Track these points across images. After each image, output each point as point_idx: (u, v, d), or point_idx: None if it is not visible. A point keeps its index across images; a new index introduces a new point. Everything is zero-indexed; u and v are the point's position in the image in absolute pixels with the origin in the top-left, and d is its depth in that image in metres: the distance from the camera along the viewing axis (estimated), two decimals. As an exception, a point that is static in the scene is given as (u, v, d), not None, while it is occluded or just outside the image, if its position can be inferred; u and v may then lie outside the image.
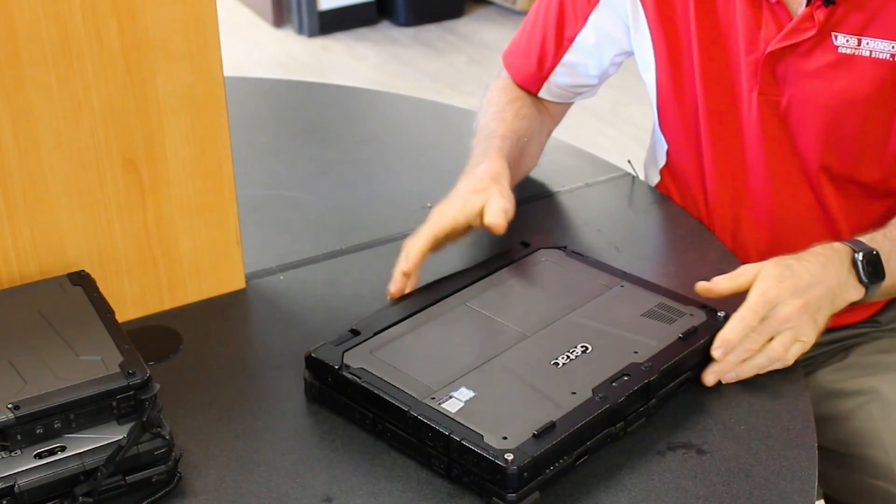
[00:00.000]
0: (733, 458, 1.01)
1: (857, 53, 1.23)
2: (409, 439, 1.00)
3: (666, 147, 1.45)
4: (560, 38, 1.44)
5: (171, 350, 1.19)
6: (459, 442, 0.95)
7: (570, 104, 1.53)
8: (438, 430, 0.97)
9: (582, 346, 1.07)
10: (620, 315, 1.12)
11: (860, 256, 1.13)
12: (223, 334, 1.23)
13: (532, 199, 1.48)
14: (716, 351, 1.07)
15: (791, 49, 1.26)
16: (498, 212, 1.17)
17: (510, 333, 1.10)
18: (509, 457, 0.92)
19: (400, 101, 1.97)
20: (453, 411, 0.98)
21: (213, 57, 1.17)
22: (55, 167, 1.13)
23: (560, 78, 1.47)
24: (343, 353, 1.06)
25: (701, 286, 1.12)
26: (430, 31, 4.55)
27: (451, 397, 1.00)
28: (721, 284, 1.12)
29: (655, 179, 1.52)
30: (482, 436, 0.95)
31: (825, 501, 1.41)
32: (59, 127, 1.11)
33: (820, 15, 1.23)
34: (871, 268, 1.14)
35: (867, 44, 1.22)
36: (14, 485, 0.90)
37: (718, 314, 1.11)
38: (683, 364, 1.07)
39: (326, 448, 1.04)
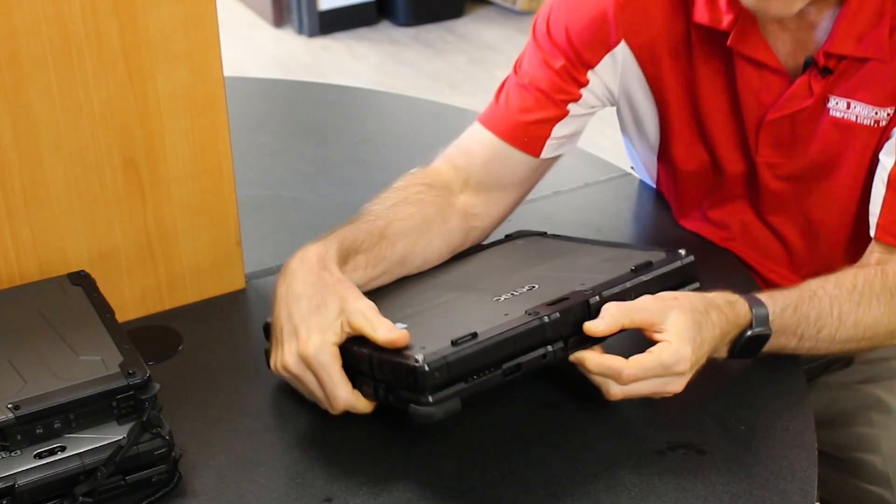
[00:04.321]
0: (733, 458, 1.02)
1: (845, 117, 1.23)
2: (352, 378, 1.00)
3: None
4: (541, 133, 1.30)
5: (171, 350, 1.19)
6: (379, 356, 0.96)
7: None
8: (363, 353, 0.98)
9: (529, 286, 1.06)
10: (580, 264, 1.12)
11: (749, 333, 1.08)
12: (223, 334, 1.23)
13: (532, 199, 1.47)
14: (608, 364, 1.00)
15: (787, 116, 1.25)
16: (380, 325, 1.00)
17: (463, 287, 1.11)
18: (419, 356, 0.92)
19: (400, 101, 1.97)
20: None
21: (213, 57, 1.17)
22: (55, 167, 1.13)
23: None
24: None
25: (587, 326, 1.00)
26: (430, 31, 4.54)
27: None
28: (607, 322, 1.00)
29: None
30: (401, 351, 0.96)
31: (820, 505, 1.41)
32: (59, 127, 1.11)
33: (817, 86, 1.22)
34: (749, 348, 1.09)
35: (854, 107, 1.22)
36: (14, 485, 0.90)
37: (679, 251, 1.09)
38: (633, 292, 1.03)
39: (326, 448, 1.04)
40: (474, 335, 0.94)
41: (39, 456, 0.92)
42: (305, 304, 1.03)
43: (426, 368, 0.91)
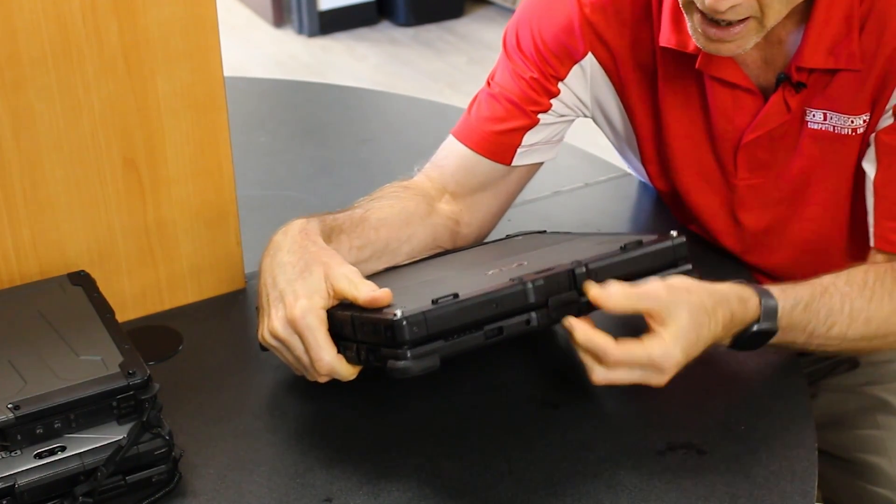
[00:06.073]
0: (733, 458, 1.02)
1: (823, 128, 1.21)
2: (336, 343, 1.00)
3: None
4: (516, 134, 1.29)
5: (171, 350, 1.19)
6: (360, 316, 0.96)
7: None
8: (345, 315, 0.98)
9: (518, 263, 1.06)
10: (573, 247, 1.12)
11: (754, 329, 1.07)
12: (223, 334, 1.23)
13: (532, 199, 1.48)
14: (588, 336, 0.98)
15: (765, 134, 1.24)
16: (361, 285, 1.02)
17: (455, 268, 1.11)
18: (398, 311, 0.92)
19: (400, 101, 1.97)
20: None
21: (213, 57, 1.17)
22: (55, 167, 1.13)
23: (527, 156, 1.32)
24: None
25: (593, 291, 0.99)
26: (430, 31, 4.55)
27: None
28: (616, 300, 0.99)
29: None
30: (381, 309, 0.96)
31: (824, 506, 1.41)
32: (59, 127, 1.11)
33: (792, 101, 1.21)
34: (756, 340, 1.08)
35: (830, 118, 1.21)
36: (14, 485, 0.90)
37: (671, 232, 1.07)
38: (620, 267, 1.02)
39: (326, 448, 1.04)
40: (455, 295, 0.95)
41: (39, 456, 0.92)
42: (290, 270, 1.04)
43: (404, 323, 0.92)
